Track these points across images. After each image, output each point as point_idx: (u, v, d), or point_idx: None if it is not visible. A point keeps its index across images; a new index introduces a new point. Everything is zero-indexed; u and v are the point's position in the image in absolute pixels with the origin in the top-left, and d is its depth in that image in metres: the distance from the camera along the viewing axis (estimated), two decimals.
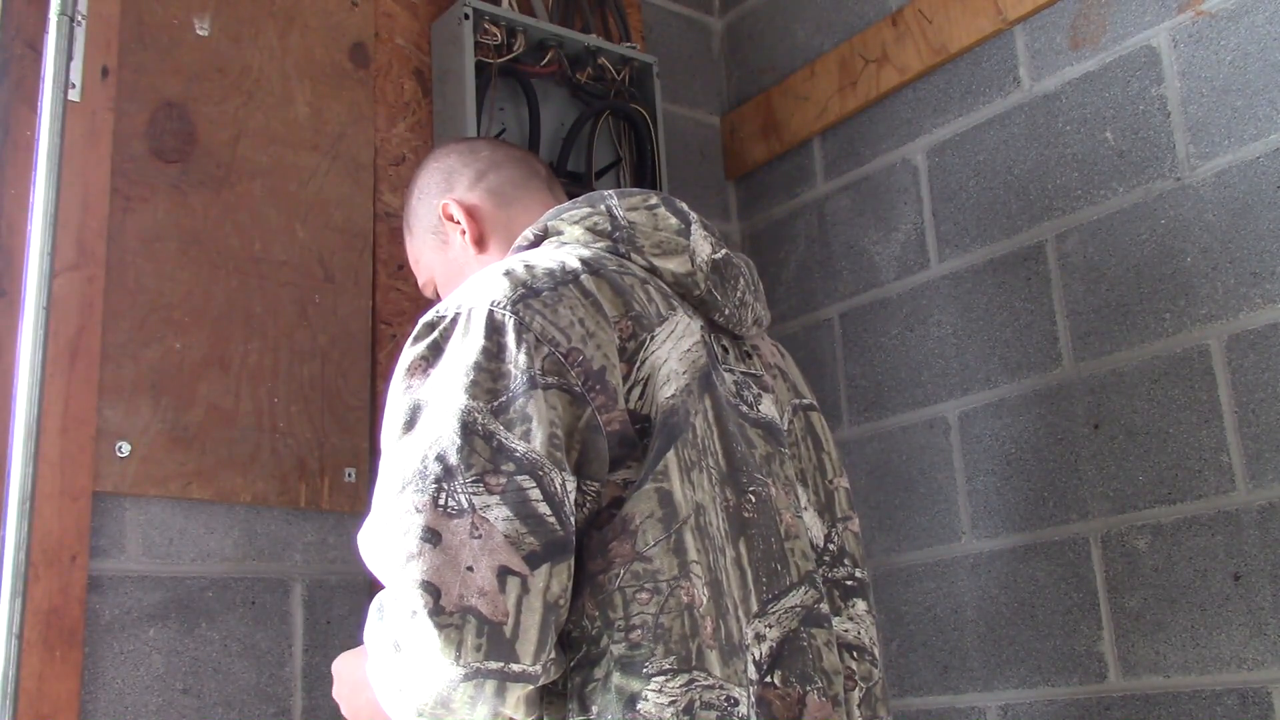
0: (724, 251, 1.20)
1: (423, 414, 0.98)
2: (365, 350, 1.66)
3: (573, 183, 1.81)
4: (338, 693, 1.16)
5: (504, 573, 0.91)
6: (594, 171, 1.87)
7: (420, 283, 1.39)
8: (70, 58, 1.47)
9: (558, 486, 0.95)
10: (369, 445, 1.64)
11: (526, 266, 1.06)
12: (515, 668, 0.91)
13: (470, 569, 0.91)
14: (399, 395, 1.01)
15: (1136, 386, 1.62)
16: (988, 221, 1.83)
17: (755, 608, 1.02)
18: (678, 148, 2.18)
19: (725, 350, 1.17)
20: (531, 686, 0.94)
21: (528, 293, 1.01)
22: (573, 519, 0.96)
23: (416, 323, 1.06)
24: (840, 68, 2.05)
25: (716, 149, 2.28)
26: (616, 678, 0.96)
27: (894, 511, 1.90)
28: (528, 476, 0.94)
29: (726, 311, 1.17)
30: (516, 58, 1.80)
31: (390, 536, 0.94)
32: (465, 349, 0.99)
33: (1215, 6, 1.59)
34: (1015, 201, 1.79)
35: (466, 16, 1.75)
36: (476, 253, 1.28)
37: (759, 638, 1.02)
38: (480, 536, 0.92)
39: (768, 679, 1.01)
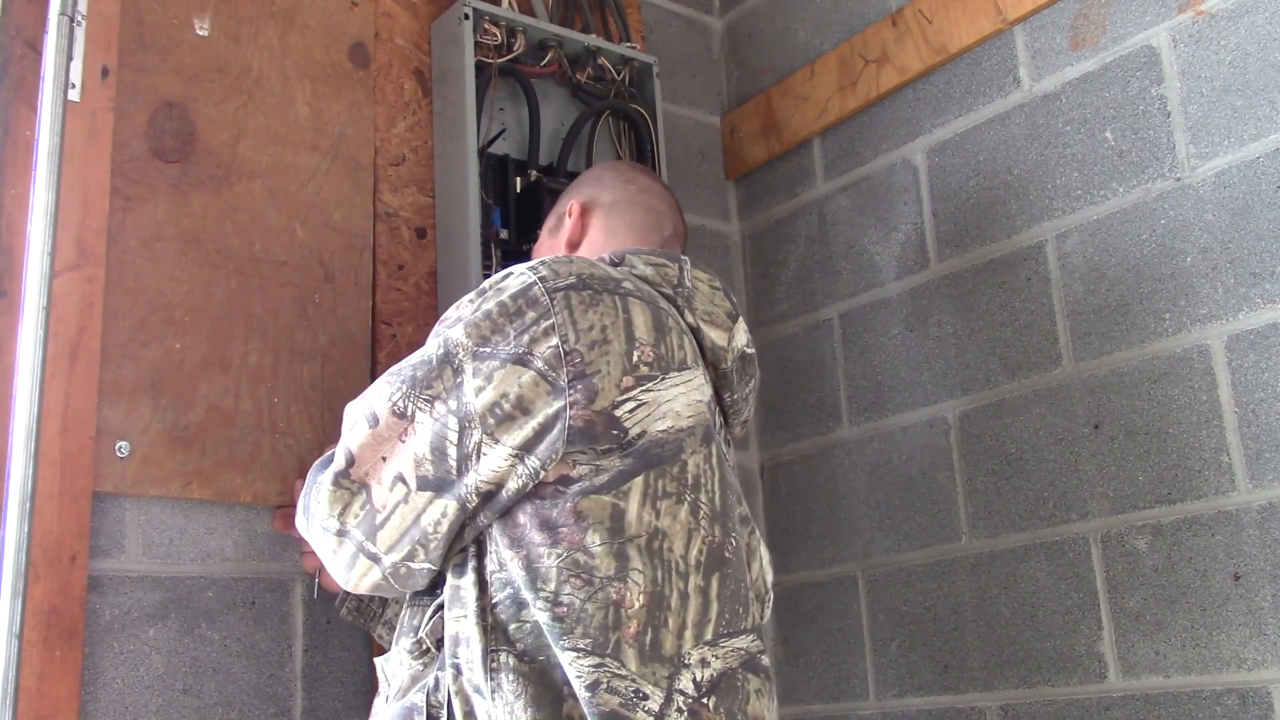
0: (752, 351, 1.34)
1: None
2: (365, 350, 1.66)
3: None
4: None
5: (398, 478, 1.12)
6: None
7: (535, 246, 1.53)
8: (70, 58, 1.47)
9: (471, 443, 1.10)
10: None
11: (594, 262, 1.20)
12: (369, 547, 1.14)
13: (384, 459, 1.13)
14: (451, 311, 1.18)
15: (1136, 386, 1.62)
16: (987, 221, 1.83)
17: (709, 636, 1.13)
18: (678, 148, 2.18)
19: (721, 426, 1.29)
20: (377, 571, 1.15)
21: (577, 284, 1.14)
22: (471, 472, 1.10)
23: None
24: (840, 68, 2.06)
25: (716, 149, 2.28)
26: (545, 634, 1.08)
27: (894, 511, 1.90)
28: (457, 421, 1.10)
29: (734, 397, 1.30)
30: (516, 58, 1.80)
31: (360, 400, 1.17)
32: (493, 297, 1.14)
33: (1215, 6, 1.59)
34: (1015, 201, 1.79)
35: (466, 16, 1.74)
36: (565, 253, 1.41)
37: (703, 663, 1.12)
38: (403, 441, 1.12)
39: (704, 700, 1.10)
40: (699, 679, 1.10)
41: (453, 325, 1.15)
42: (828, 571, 1.99)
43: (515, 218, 1.77)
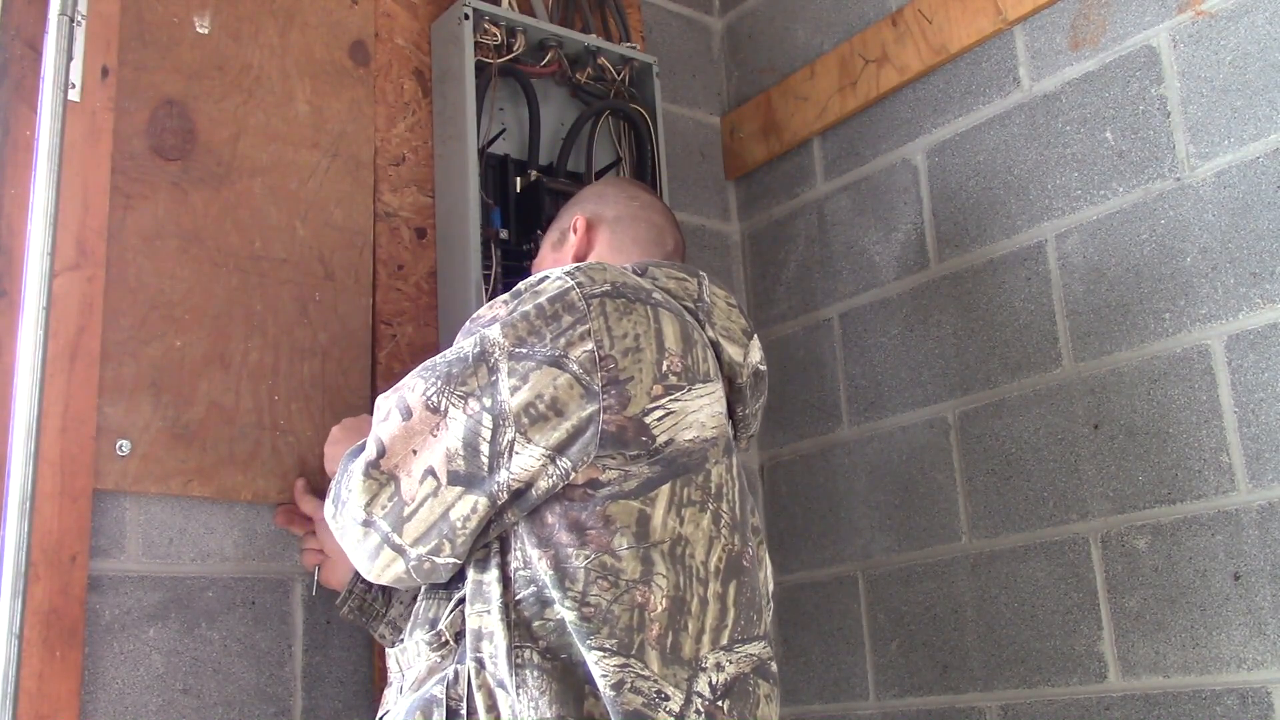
0: (765, 368, 1.36)
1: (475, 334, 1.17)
2: (365, 348, 1.66)
3: (573, 182, 1.81)
4: (334, 434, 1.44)
5: (429, 472, 1.13)
6: (594, 172, 1.87)
7: (535, 260, 1.54)
8: (70, 58, 1.47)
9: (505, 440, 1.11)
10: None
11: (625, 271, 1.22)
12: (395, 539, 1.14)
13: (415, 451, 1.14)
14: (484, 310, 1.19)
15: (1136, 386, 1.62)
16: (987, 221, 1.83)
17: (725, 641, 1.15)
18: (678, 148, 2.18)
19: (734, 438, 1.31)
20: (401, 563, 1.15)
21: (611, 291, 1.16)
22: (503, 470, 1.11)
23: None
24: (840, 68, 2.06)
25: (716, 149, 2.28)
26: (570, 632, 1.10)
27: (894, 511, 1.90)
28: (491, 419, 1.12)
29: (746, 411, 1.32)
30: (516, 58, 1.80)
31: (392, 393, 1.19)
32: (530, 300, 1.16)
33: (1215, 6, 1.59)
34: (1015, 201, 1.79)
35: (466, 16, 1.74)
36: None
37: (719, 667, 1.14)
38: (435, 436, 1.13)
39: (719, 703, 1.13)
40: (714, 682, 1.13)
41: (489, 324, 1.16)
42: (828, 571, 1.99)
43: (515, 218, 1.77)
